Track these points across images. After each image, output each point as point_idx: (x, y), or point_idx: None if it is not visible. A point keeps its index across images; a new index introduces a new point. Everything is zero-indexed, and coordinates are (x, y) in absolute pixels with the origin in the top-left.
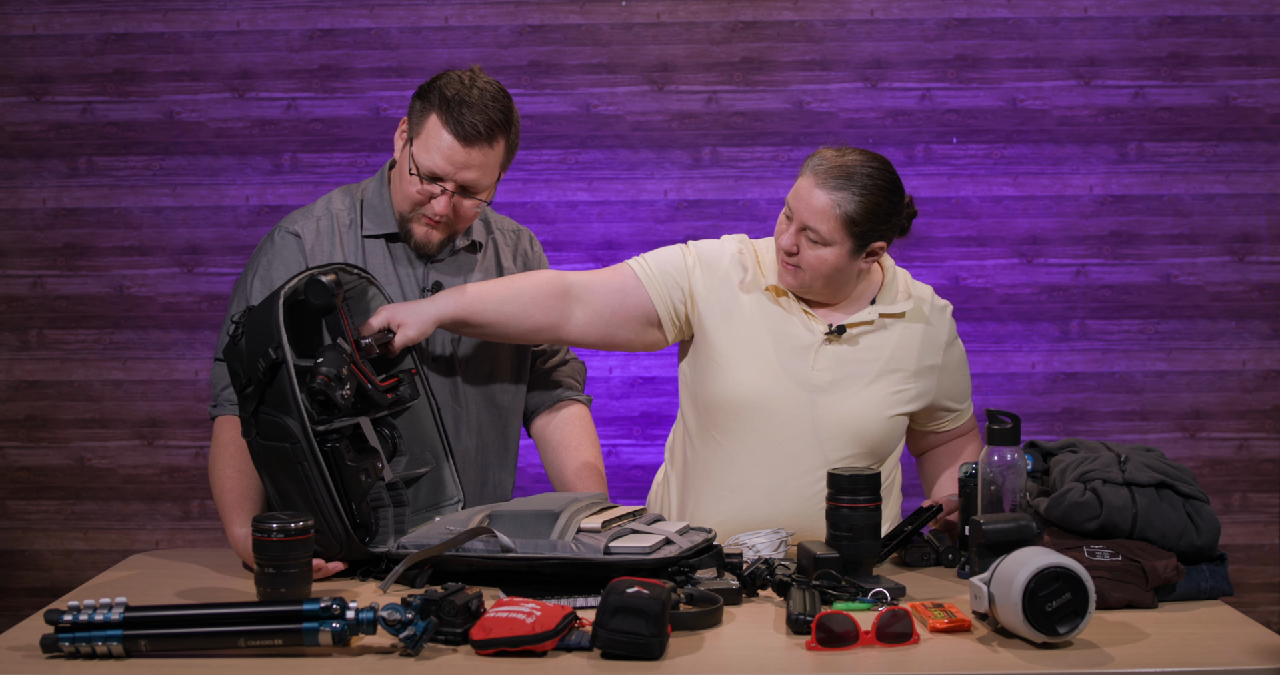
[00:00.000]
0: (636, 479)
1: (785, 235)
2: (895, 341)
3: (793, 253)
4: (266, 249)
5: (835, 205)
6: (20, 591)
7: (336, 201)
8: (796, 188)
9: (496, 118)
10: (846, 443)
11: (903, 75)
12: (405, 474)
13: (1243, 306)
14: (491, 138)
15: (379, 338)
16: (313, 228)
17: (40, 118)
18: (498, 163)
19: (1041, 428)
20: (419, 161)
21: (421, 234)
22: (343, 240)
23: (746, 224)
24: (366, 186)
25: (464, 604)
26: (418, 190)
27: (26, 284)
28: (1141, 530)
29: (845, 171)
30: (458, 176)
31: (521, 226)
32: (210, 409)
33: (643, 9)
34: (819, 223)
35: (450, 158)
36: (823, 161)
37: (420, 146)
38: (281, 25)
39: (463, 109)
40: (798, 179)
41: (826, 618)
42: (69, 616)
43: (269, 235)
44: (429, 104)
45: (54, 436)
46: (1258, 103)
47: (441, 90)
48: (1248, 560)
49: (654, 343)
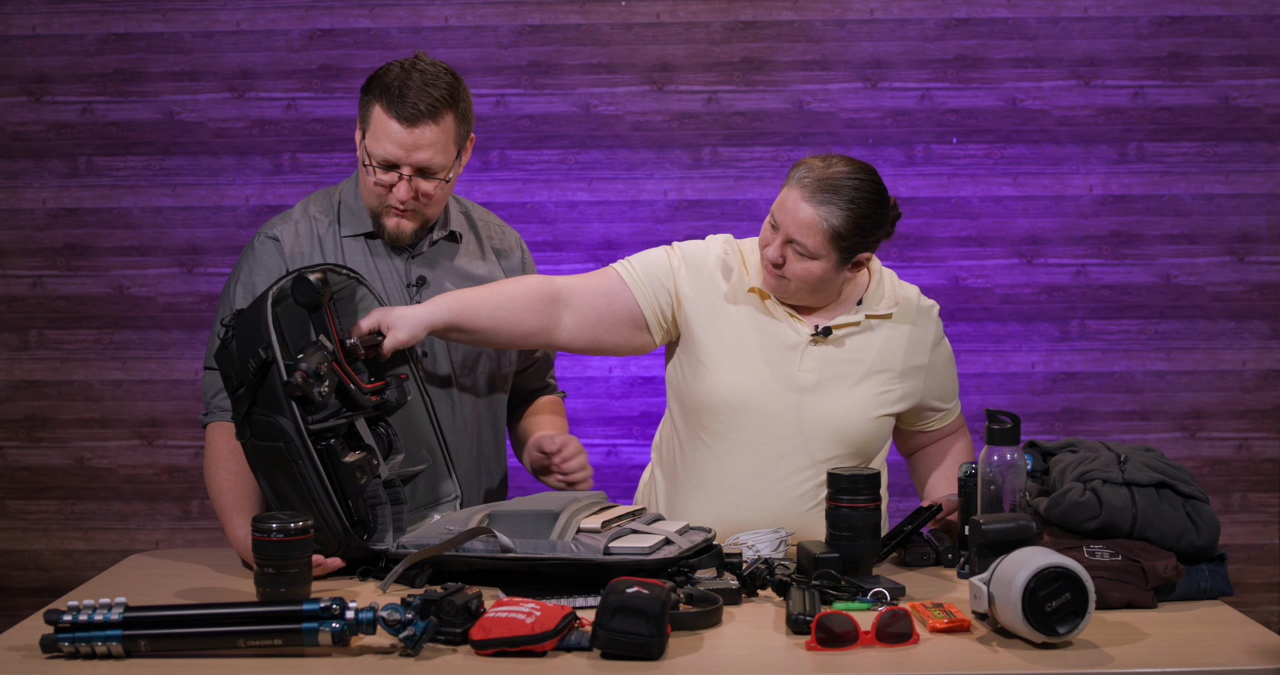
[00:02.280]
0: (636, 479)
1: (771, 247)
2: (881, 342)
3: (779, 264)
4: (248, 256)
5: (822, 219)
6: (20, 591)
7: (314, 205)
8: (782, 198)
9: (438, 95)
10: (833, 443)
11: (903, 75)
12: (402, 472)
13: (1243, 306)
14: (435, 115)
15: (367, 340)
16: (291, 231)
17: (40, 118)
18: (449, 139)
19: (1041, 428)
20: (371, 152)
21: (393, 225)
22: (322, 242)
23: (746, 224)
24: (344, 188)
25: (464, 604)
26: (376, 181)
27: (26, 284)
28: (1141, 530)
29: (831, 184)
30: (410, 159)
31: (509, 226)
32: (202, 418)
33: (643, 9)
34: (805, 237)
35: (399, 141)
36: (809, 172)
37: (370, 137)
38: (281, 25)
39: (404, 93)
40: (783, 188)
41: (826, 618)
42: (69, 616)
43: (250, 242)
44: (372, 94)
45: (54, 436)
46: (1258, 103)
47: (382, 79)
48: (1248, 560)
49: (642, 346)
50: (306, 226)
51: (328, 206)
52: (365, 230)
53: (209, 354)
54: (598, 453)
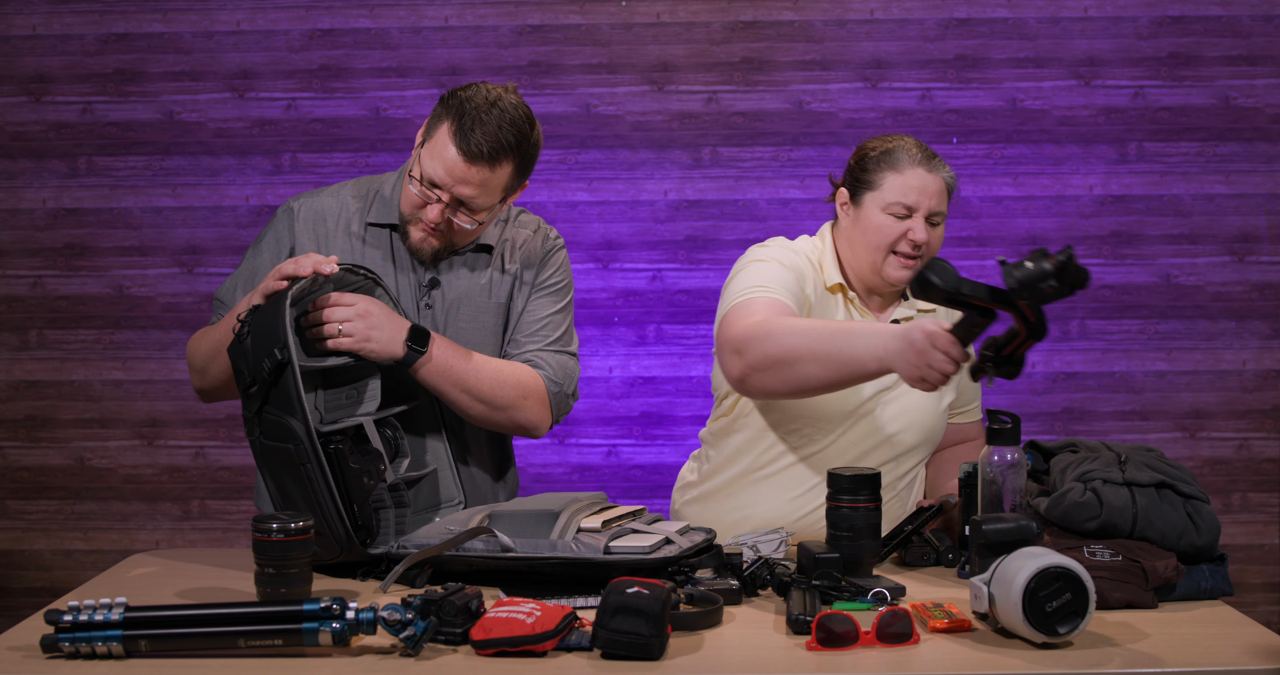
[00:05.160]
0: (636, 479)
1: (915, 231)
2: None
3: (920, 245)
4: (270, 223)
5: (944, 179)
6: (20, 591)
7: (347, 190)
8: (907, 183)
9: (506, 140)
10: (913, 436)
11: (903, 75)
12: (406, 475)
13: (1243, 306)
14: (495, 160)
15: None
16: (310, 206)
17: (40, 118)
18: (500, 185)
19: (1041, 428)
20: (423, 165)
21: (418, 238)
22: (347, 224)
23: (746, 224)
24: (383, 180)
25: (464, 604)
26: (417, 192)
27: (26, 284)
28: (1141, 530)
29: (926, 148)
30: (455, 189)
31: (551, 229)
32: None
33: (643, 9)
34: (942, 202)
35: (450, 169)
36: (904, 149)
37: (428, 151)
38: (281, 25)
39: (475, 125)
40: (893, 177)
41: (826, 618)
42: (69, 617)
43: (277, 210)
44: (447, 111)
45: (54, 436)
46: (1258, 103)
47: (462, 101)
48: (1248, 560)
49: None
50: (333, 206)
51: (363, 193)
52: (392, 222)
53: (222, 291)
54: (597, 453)
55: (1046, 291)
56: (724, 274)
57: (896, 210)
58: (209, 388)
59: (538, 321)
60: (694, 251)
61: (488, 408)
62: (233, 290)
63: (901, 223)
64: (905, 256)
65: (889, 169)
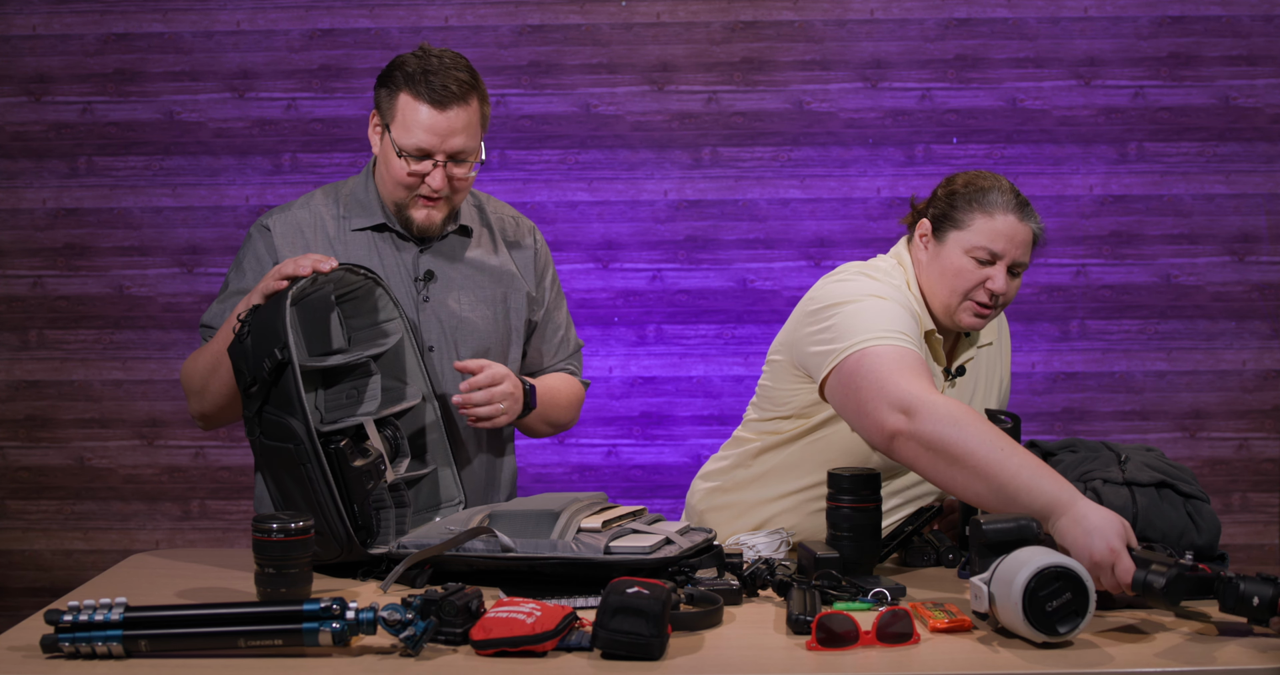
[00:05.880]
0: (636, 479)
1: (995, 280)
2: (985, 371)
3: (999, 295)
4: (245, 243)
5: (1033, 230)
6: (20, 591)
7: (317, 199)
8: (996, 229)
9: (463, 77)
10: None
11: (903, 75)
12: (406, 475)
13: (1243, 306)
14: (465, 97)
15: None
16: (285, 221)
17: (40, 118)
18: (477, 121)
19: (1041, 428)
20: (402, 144)
21: (423, 217)
22: (327, 234)
23: (746, 224)
24: (351, 183)
25: (464, 604)
26: (409, 172)
27: (26, 284)
28: (1142, 530)
29: (1021, 197)
30: (444, 146)
31: (523, 217)
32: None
33: (643, 9)
34: (1027, 253)
35: (432, 128)
36: (1000, 193)
37: (399, 128)
38: (281, 25)
39: (429, 78)
40: (983, 220)
41: (826, 618)
42: (69, 616)
43: (250, 229)
44: (395, 86)
45: (54, 436)
46: (1258, 103)
47: (401, 69)
48: (1248, 560)
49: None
50: (306, 217)
51: (333, 200)
52: (374, 223)
53: (208, 317)
54: (597, 453)
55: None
56: (724, 274)
57: (980, 254)
58: (209, 410)
59: (556, 332)
60: (694, 251)
61: (555, 428)
62: (220, 315)
63: (983, 269)
64: (980, 304)
65: (979, 210)
